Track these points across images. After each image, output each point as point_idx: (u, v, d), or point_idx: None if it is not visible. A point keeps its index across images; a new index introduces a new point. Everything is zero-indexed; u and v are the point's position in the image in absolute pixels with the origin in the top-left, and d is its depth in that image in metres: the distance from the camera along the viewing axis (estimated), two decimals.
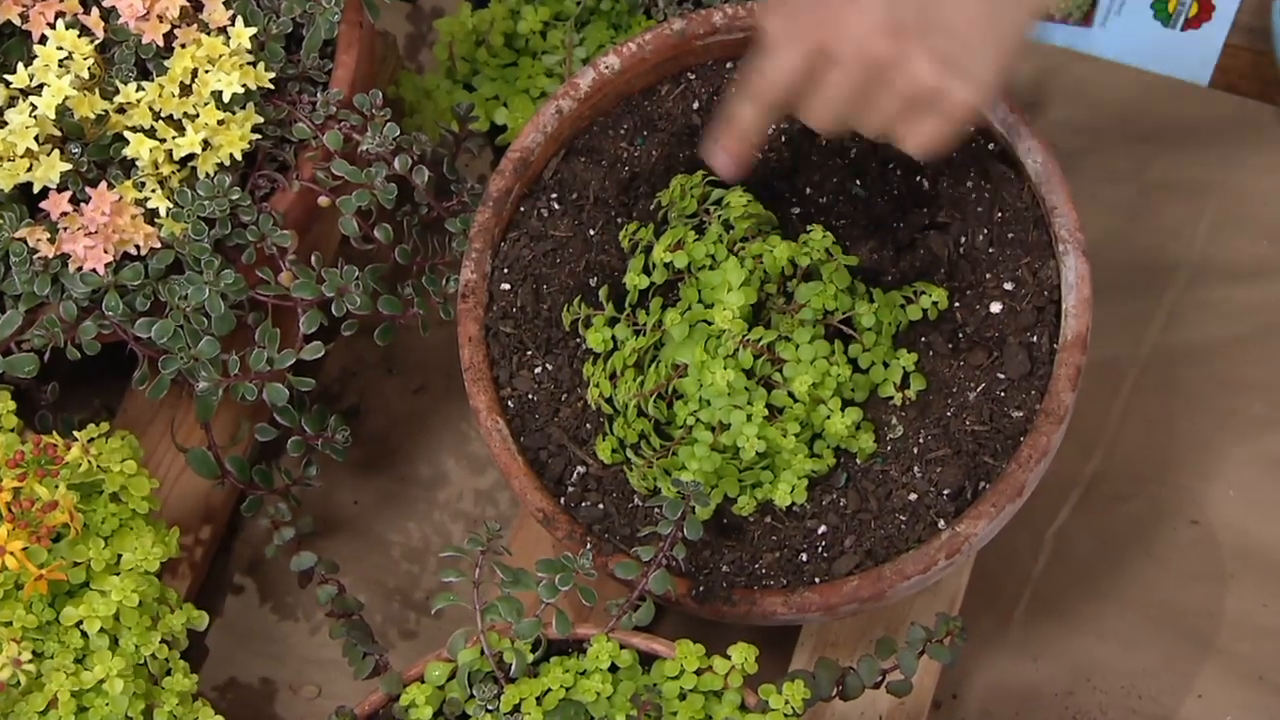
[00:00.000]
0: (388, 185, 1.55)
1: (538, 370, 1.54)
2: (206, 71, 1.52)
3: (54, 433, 1.46)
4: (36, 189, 1.50)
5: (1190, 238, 1.76)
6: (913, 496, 1.48)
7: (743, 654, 1.42)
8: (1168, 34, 1.84)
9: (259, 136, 1.54)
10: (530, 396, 1.53)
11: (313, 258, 1.56)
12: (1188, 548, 1.66)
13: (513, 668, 1.44)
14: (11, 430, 1.51)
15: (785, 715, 1.40)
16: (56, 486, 1.43)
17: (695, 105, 1.59)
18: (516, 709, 1.42)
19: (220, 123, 1.52)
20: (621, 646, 1.44)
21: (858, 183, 1.56)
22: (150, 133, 1.51)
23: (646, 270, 1.51)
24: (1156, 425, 1.70)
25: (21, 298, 1.52)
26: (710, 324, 1.47)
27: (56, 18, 1.51)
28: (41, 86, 1.49)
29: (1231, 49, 1.83)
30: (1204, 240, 1.76)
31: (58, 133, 1.51)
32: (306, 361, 1.54)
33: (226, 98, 1.52)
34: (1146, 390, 1.71)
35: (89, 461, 1.45)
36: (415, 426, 1.73)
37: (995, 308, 1.51)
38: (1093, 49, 1.85)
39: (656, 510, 1.48)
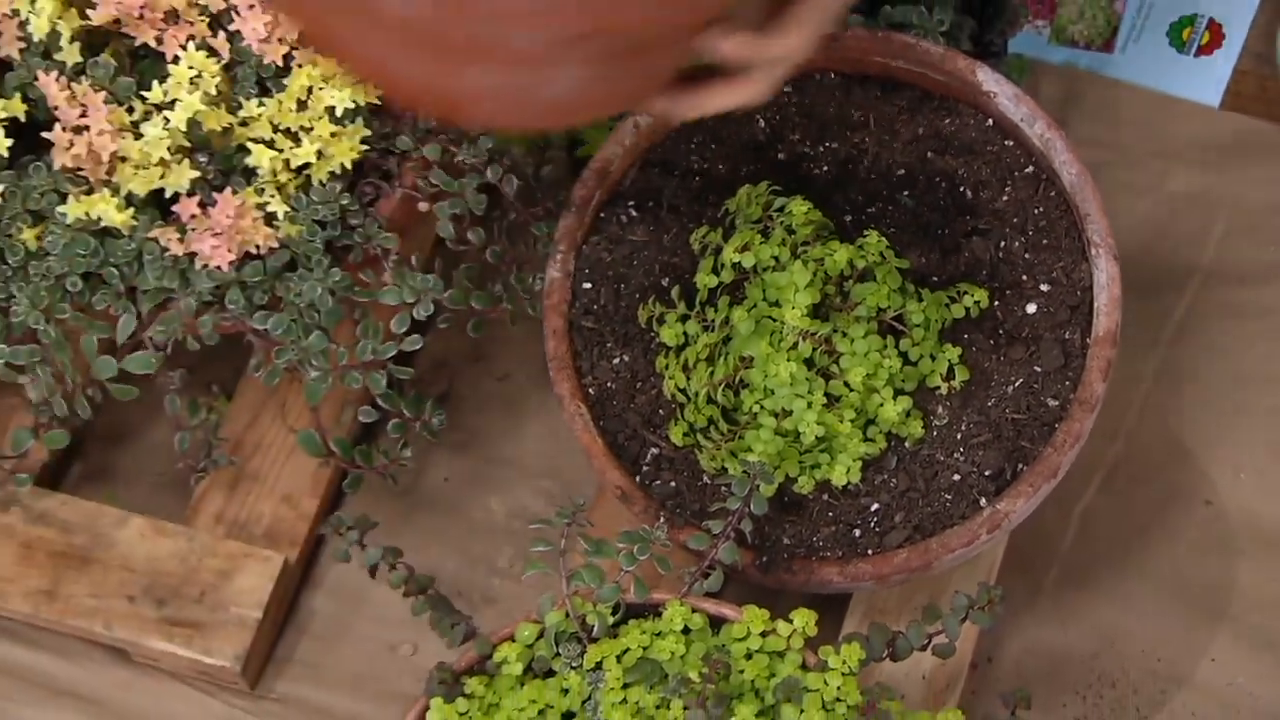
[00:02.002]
0: (479, 194, 1.57)
1: (616, 361, 1.57)
2: (321, 89, 1.54)
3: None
4: (169, 194, 1.53)
5: (1204, 245, 1.78)
6: (957, 477, 1.51)
7: (804, 619, 1.44)
8: (1182, 59, 1.86)
9: (366, 148, 1.56)
10: (609, 385, 1.56)
11: (412, 258, 1.58)
12: (1202, 526, 1.68)
13: (595, 629, 1.46)
14: None
15: (843, 674, 1.42)
16: None
17: (760, 122, 1.62)
18: (598, 666, 1.45)
19: (333, 135, 1.54)
20: (693, 611, 1.46)
21: (905, 194, 1.58)
22: (270, 144, 1.54)
23: (715, 271, 1.53)
24: (1173, 415, 1.72)
25: (149, 293, 1.54)
26: (774, 320, 1.50)
27: (188, 40, 1.53)
28: (174, 102, 1.51)
29: (1240, 74, 1.85)
30: (1217, 247, 1.78)
31: (188, 144, 1.53)
32: (405, 352, 1.56)
33: (339, 113, 1.54)
34: (1164, 383, 1.73)
35: None
36: (499, 411, 1.76)
37: (1031, 308, 1.54)
38: (1114, 73, 1.87)
39: (724, 488, 1.50)
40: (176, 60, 1.53)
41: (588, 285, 1.59)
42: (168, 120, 1.52)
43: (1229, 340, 1.75)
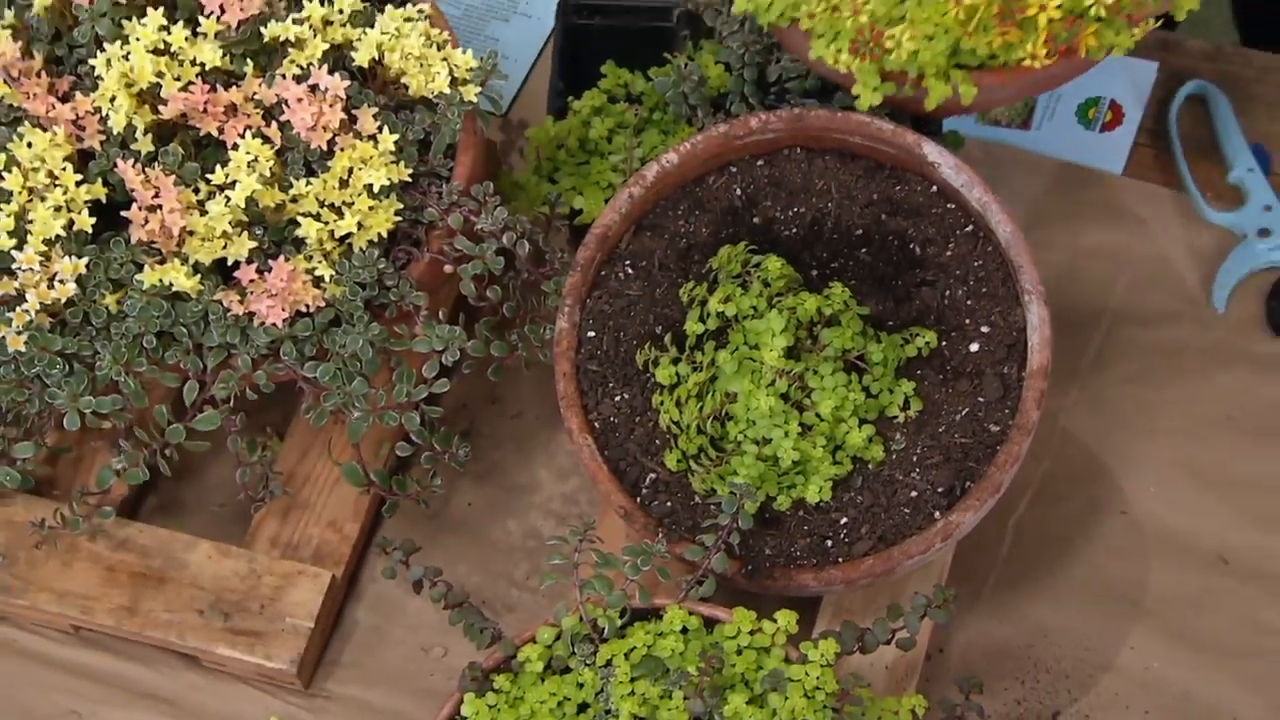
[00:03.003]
0: (497, 257, 1.54)
1: (617, 399, 1.53)
2: (360, 169, 1.52)
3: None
4: (230, 262, 1.51)
5: (1112, 293, 1.76)
6: (914, 494, 1.47)
7: (786, 618, 1.42)
8: (1089, 135, 1.84)
9: (399, 219, 1.54)
10: (612, 419, 1.53)
11: (440, 313, 1.56)
12: (1119, 533, 1.65)
13: (605, 631, 1.43)
14: None
15: (821, 665, 1.39)
16: None
17: (737, 191, 1.59)
18: (609, 663, 1.42)
19: (370, 209, 1.52)
20: (690, 613, 1.43)
21: (863, 250, 1.55)
22: (317, 217, 1.52)
23: (702, 319, 1.51)
24: (1091, 438, 1.69)
25: (215, 350, 1.52)
26: (754, 360, 1.47)
27: (245, 130, 1.51)
28: (234, 183, 1.49)
29: (1138, 146, 1.83)
30: (1122, 295, 1.76)
31: (246, 219, 1.51)
32: (435, 394, 1.53)
33: (375, 189, 1.52)
34: (1083, 411, 1.70)
35: None
36: (514, 445, 1.72)
37: (974, 347, 1.51)
38: (1031, 147, 1.84)
39: (714, 507, 1.47)
40: (235, 147, 1.51)
41: (591, 334, 1.55)
42: (228, 199, 1.49)
43: (1136, 373, 1.72)
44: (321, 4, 1.56)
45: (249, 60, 1.56)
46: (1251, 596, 1.62)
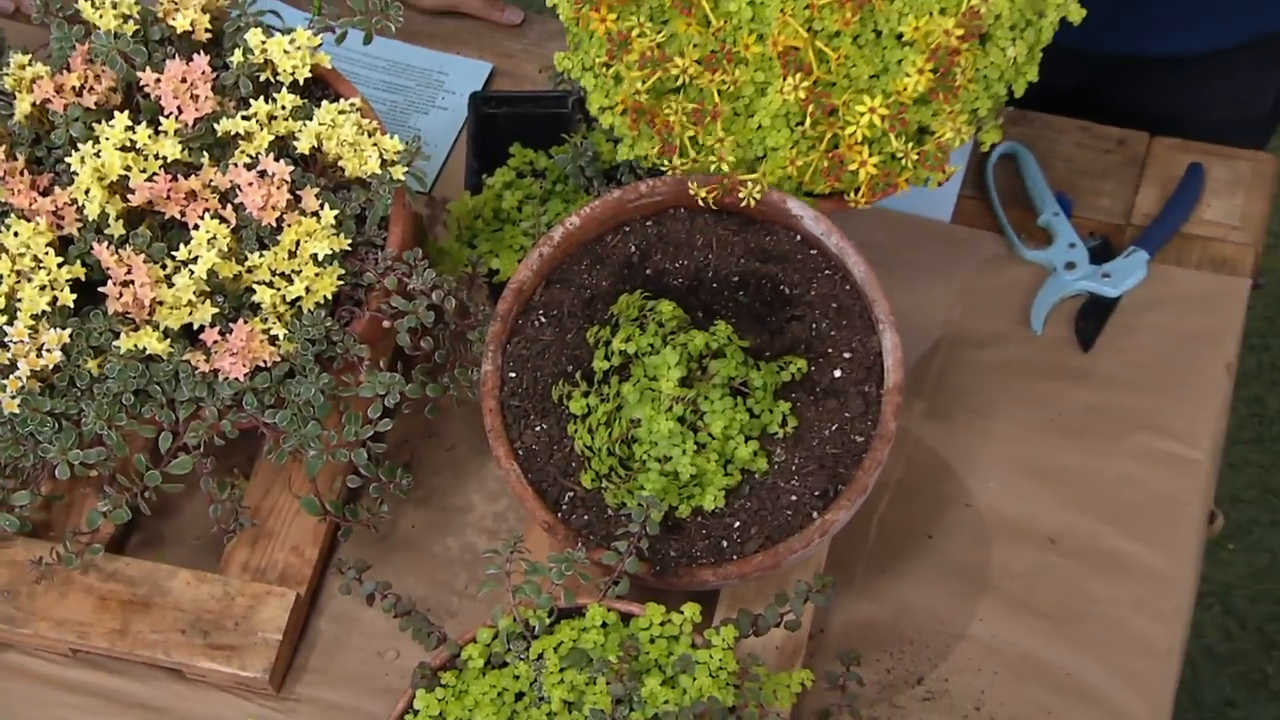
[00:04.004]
0: (428, 312, 1.50)
1: (537, 429, 1.49)
2: (306, 241, 1.47)
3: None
4: (195, 326, 1.46)
5: (948, 320, 1.74)
6: (794, 498, 1.44)
7: (691, 610, 1.39)
8: (923, 191, 1.78)
9: (342, 283, 1.50)
10: (533, 447, 1.48)
11: (380, 362, 1.53)
12: (965, 523, 1.63)
13: (536, 629, 1.40)
14: None
15: (723, 649, 1.36)
16: None
17: (631, 247, 1.55)
18: (540, 656, 1.39)
19: (316, 275, 1.47)
20: (609, 610, 1.40)
21: (741, 293, 1.52)
22: (270, 284, 1.47)
23: (607, 357, 1.47)
24: (938, 443, 1.67)
25: (185, 403, 1.47)
26: (653, 390, 1.44)
27: (204, 212, 1.46)
28: (196, 259, 1.44)
29: (963, 199, 1.81)
30: (957, 322, 1.74)
31: (208, 289, 1.46)
32: (379, 432, 1.49)
33: (320, 258, 1.47)
34: (929, 420, 1.68)
35: None
36: (450, 473, 1.67)
37: (838, 371, 1.48)
38: (876, 202, 1.81)
39: (625, 518, 1.44)
40: (196, 227, 1.46)
41: (513, 374, 1.51)
42: (192, 272, 1.45)
43: (971, 387, 1.70)
44: (266, 102, 1.52)
45: (205, 152, 1.51)
46: (1077, 570, 1.60)
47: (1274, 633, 2.69)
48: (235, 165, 1.50)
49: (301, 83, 1.56)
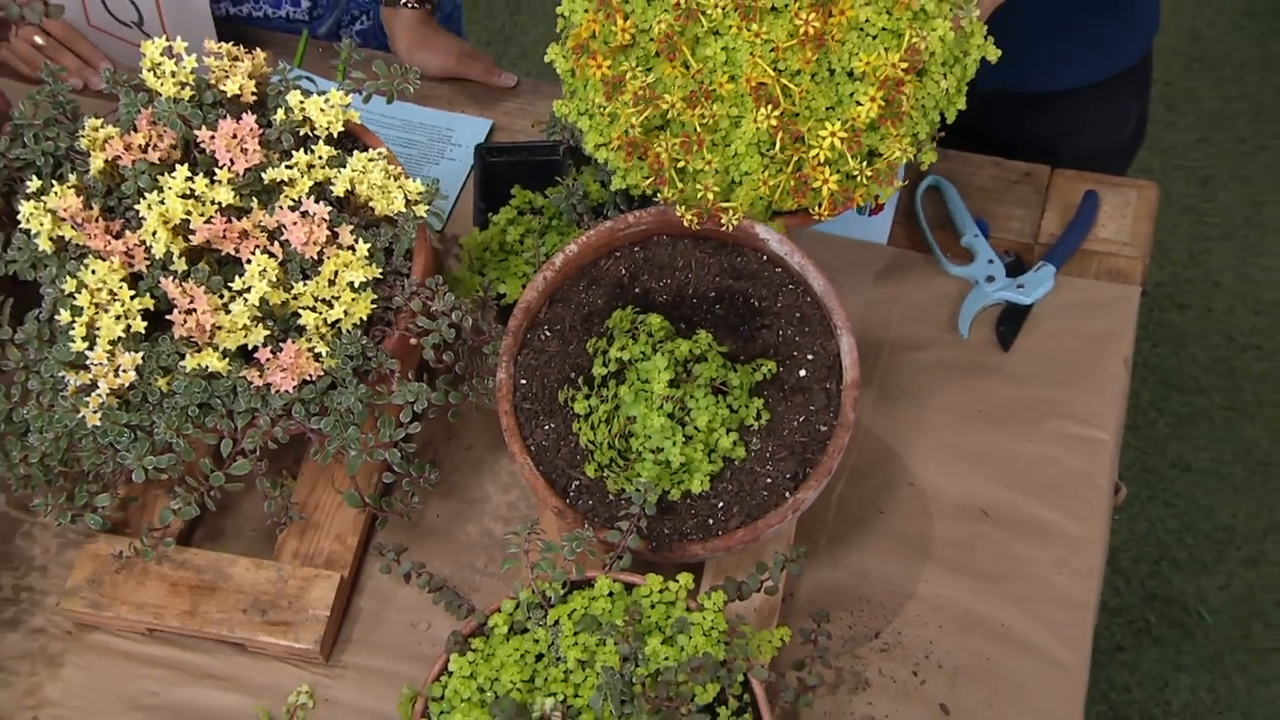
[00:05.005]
0: (449, 329, 1.45)
1: (546, 428, 1.44)
2: (343, 271, 1.42)
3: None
4: (250, 346, 1.41)
5: (889, 327, 1.70)
6: (769, 480, 1.40)
7: (686, 579, 1.35)
8: (863, 219, 1.79)
9: (375, 306, 1.45)
10: (543, 443, 1.44)
11: (409, 374, 1.48)
12: (910, 500, 1.59)
13: (552, 599, 1.36)
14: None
15: (714, 611, 1.32)
16: None
17: (622, 270, 1.51)
18: (556, 623, 1.34)
19: (353, 300, 1.43)
20: (614, 581, 1.36)
21: (717, 307, 1.48)
22: (313, 309, 1.42)
23: (605, 364, 1.43)
24: (885, 432, 1.63)
25: (242, 413, 1.42)
26: (646, 391, 1.40)
27: (255, 249, 1.42)
28: (249, 289, 1.40)
29: (897, 224, 1.78)
30: (895, 329, 1.70)
31: (260, 314, 1.41)
32: (410, 434, 1.44)
33: (355, 285, 1.43)
34: (877, 413, 1.64)
35: None
36: (469, 469, 1.62)
37: (803, 371, 1.44)
38: (825, 229, 1.78)
39: (625, 502, 1.40)
40: (249, 262, 1.42)
41: (524, 382, 1.46)
42: (246, 300, 1.40)
43: (910, 384, 1.66)
44: (305, 153, 1.48)
45: (254, 197, 1.46)
46: (1006, 538, 1.56)
47: (1154, 588, 2.67)
48: (281, 208, 1.45)
49: (335, 136, 1.52)
